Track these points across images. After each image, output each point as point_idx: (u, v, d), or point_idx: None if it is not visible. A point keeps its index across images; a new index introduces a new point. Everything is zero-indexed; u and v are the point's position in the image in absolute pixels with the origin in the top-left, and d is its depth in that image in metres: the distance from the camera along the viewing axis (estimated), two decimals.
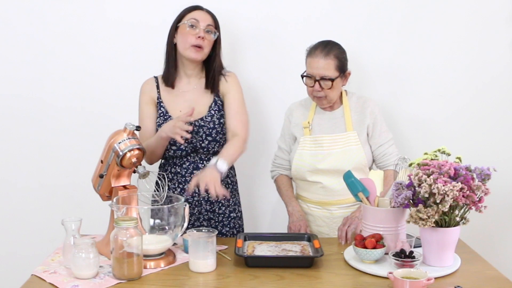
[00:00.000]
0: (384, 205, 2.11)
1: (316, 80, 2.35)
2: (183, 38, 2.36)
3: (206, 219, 2.48)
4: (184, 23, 2.37)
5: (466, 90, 2.91)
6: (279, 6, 2.86)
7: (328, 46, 2.37)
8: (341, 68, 2.38)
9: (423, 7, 2.85)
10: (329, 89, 2.36)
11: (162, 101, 2.44)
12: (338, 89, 2.41)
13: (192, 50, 2.35)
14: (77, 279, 1.88)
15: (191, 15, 2.38)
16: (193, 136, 2.38)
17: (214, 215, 2.49)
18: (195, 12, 2.40)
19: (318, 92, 2.37)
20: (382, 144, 2.44)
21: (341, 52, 2.40)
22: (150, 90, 2.45)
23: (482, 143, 2.91)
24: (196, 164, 2.44)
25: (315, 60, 2.35)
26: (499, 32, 2.85)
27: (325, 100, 2.40)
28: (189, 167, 2.44)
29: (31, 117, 2.93)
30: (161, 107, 2.43)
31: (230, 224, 2.52)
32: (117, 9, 2.88)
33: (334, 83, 2.36)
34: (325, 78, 2.34)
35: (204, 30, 2.36)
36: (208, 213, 2.48)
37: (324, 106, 2.45)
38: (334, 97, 2.41)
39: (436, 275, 1.84)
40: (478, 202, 1.90)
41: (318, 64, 2.34)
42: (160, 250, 2.04)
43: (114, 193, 2.12)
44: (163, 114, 2.42)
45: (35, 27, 2.87)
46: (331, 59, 2.34)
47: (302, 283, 1.87)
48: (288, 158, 2.56)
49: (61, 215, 2.12)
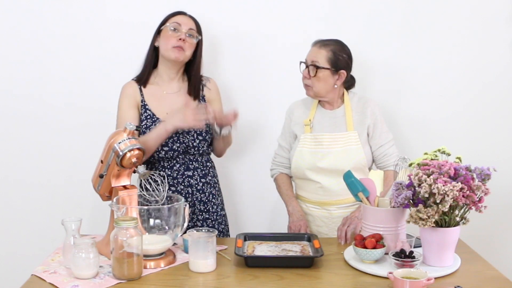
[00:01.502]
0: (384, 205, 2.11)
1: (306, 66, 2.40)
2: (165, 40, 2.41)
3: (201, 220, 2.50)
4: (166, 26, 2.42)
5: (466, 90, 2.91)
6: (279, 6, 2.86)
7: (331, 41, 2.42)
8: (334, 63, 2.39)
9: (423, 7, 2.85)
10: (315, 77, 2.38)
11: (147, 104, 2.43)
12: (326, 83, 2.41)
13: (173, 51, 2.39)
14: (77, 279, 1.88)
15: (174, 19, 2.43)
16: (185, 136, 2.41)
17: (210, 214, 2.51)
18: (178, 16, 2.45)
19: (306, 78, 2.42)
20: (383, 144, 2.44)
21: (342, 51, 2.41)
22: (134, 93, 2.44)
23: (482, 143, 2.91)
24: (187, 165, 2.46)
25: (312, 48, 2.43)
26: (499, 32, 2.85)
27: (311, 90, 2.42)
28: (180, 168, 2.45)
29: (31, 116, 2.93)
30: (147, 110, 2.42)
31: (223, 222, 2.57)
32: (117, 9, 2.88)
33: (321, 73, 2.37)
34: (313, 65, 2.38)
35: (185, 33, 2.41)
36: (203, 213, 2.50)
37: (310, 96, 2.47)
38: (320, 90, 2.41)
39: (436, 275, 1.84)
40: (478, 202, 1.90)
41: (312, 51, 2.42)
42: (160, 250, 2.04)
43: (114, 193, 2.12)
44: (150, 116, 2.41)
45: (35, 27, 2.87)
46: (325, 50, 2.39)
47: (302, 283, 1.87)
48: (288, 156, 2.56)
49: (61, 215, 2.12)
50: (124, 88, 2.46)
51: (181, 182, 2.44)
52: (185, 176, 2.45)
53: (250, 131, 2.91)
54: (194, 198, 2.47)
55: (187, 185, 2.45)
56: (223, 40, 2.87)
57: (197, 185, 2.47)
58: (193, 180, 2.47)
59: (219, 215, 2.56)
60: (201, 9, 2.67)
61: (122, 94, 2.45)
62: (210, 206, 2.52)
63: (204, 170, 2.50)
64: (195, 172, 2.47)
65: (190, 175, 2.46)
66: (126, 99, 2.43)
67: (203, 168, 2.50)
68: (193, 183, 2.47)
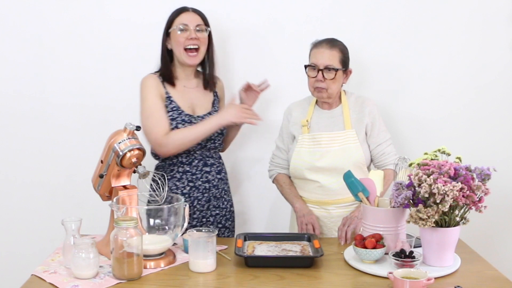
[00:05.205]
0: (384, 205, 2.11)
1: (319, 70, 2.36)
2: (176, 43, 2.42)
3: (214, 215, 2.54)
4: (174, 28, 2.42)
5: (466, 90, 2.91)
6: (279, 6, 2.86)
7: (333, 41, 2.42)
8: (344, 63, 2.40)
9: (423, 7, 2.85)
10: (331, 80, 2.36)
11: (172, 96, 2.46)
12: (339, 83, 2.41)
13: (188, 57, 2.42)
14: (77, 279, 1.88)
15: (180, 20, 2.43)
16: None
17: (220, 210, 2.56)
18: (182, 15, 2.44)
19: (320, 82, 2.37)
20: (381, 143, 2.45)
21: (345, 48, 2.43)
22: (157, 85, 2.46)
23: (482, 143, 2.91)
24: (205, 161, 2.50)
25: (320, 50, 2.38)
26: (499, 32, 2.85)
27: (325, 93, 2.39)
28: (198, 164, 2.49)
29: (31, 116, 2.93)
30: (172, 102, 2.45)
31: (231, 219, 2.62)
32: (118, 7, 2.88)
33: (337, 75, 2.37)
34: (329, 68, 2.35)
35: (194, 30, 2.41)
36: (216, 209, 2.55)
37: (324, 99, 2.44)
38: (334, 91, 2.41)
39: (436, 275, 1.84)
40: (478, 202, 1.90)
41: (323, 54, 2.37)
42: (160, 250, 2.04)
43: (114, 193, 2.12)
44: (176, 108, 2.45)
45: (37, 26, 2.88)
46: (336, 51, 2.38)
47: (302, 283, 1.87)
48: (286, 157, 2.56)
49: (61, 215, 2.12)
50: (146, 80, 2.46)
51: (199, 178, 2.48)
52: (203, 172, 2.50)
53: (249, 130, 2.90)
54: (210, 194, 2.51)
55: (204, 181, 2.50)
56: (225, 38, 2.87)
57: (214, 180, 2.52)
58: (210, 176, 2.51)
59: (228, 211, 2.60)
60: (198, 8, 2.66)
61: (146, 86, 2.44)
62: (221, 202, 2.56)
63: (219, 166, 2.57)
64: (212, 168, 2.52)
65: (207, 171, 2.51)
66: (151, 90, 2.43)
67: (218, 164, 2.56)
68: (210, 178, 2.51)
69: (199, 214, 2.50)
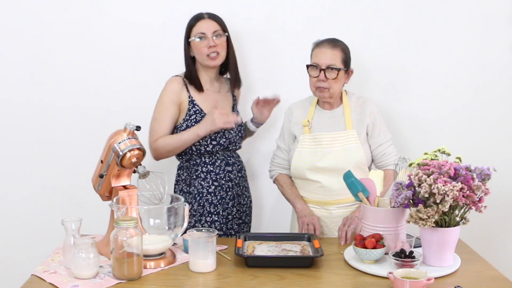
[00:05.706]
0: (384, 205, 2.11)
1: (321, 70, 2.36)
2: (198, 52, 2.49)
3: (235, 211, 2.62)
4: (193, 39, 2.48)
5: (466, 90, 2.91)
6: (279, 6, 2.86)
7: (335, 41, 2.42)
8: (346, 63, 2.40)
9: (423, 7, 2.85)
10: (333, 79, 2.36)
11: (195, 100, 2.51)
12: (341, 83, 2.41)
13: (209, 61, 2.49)
14: (77, 279, 1.88)
15: (197, 29, 2.48)
16: (229, 131, 2.55)
17: (241, 206, 2.64)
18: (199, 23, 2.49)
19: (322, 82, 2.37)
20: (382, 143, 2.45)
21: (347, 48, 2.43)
22: (181, 90, 2.51)
23: (482, 143, 2.91)
24: (227, 161, 2.58)
25: (322, 50, 2.39)
26: (499, 32, 2.85)
27: (327, 92, 2.39)
28: (221, 164, 2.57)
29: (31, 116, 2.93)
30: (195, 105, 2.50)
31: (249, 214, 2.72)
32: (118, 7, 2.87)
33: (339, 74, 2.37)
34: (331, 67, 2.35)
35: (212, 38, 2.46)
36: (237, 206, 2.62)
37: (326, 99, 2.44)
38: (336, 91, 2.41)
39: (436, 275, 1.84)
40: (478, 202, 1.90)
41: (325, 54, 2.37)
42: (160, 250, 2.04)
43: (114, 193, 2.12)
44: (199, 112, 2.51)
45: (37, 26, 2.87)
46: (338, 51, 2.38)
47: (302, 283, 1.87)
48: (287, 157, 2.56)
49: (61, 215, 2.12)
50: (170, 84, 2.52)
51: (223, 177, 2.56)
52: (226, 171, 2.57)
53: None
54: (233, 192, 2.59)
55: (227, 180, 2.56)
56: None
57: (236, 179, 2.60)
58: (233, 175, 2.59)
59: (248, 207, 2.69)
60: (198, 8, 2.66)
61: (166, 89, 2.51)
62: (242, 199, 2.65)
63: (240, 164, 2.66)
64: (233, 167, 2.60)
65: (230, 170, 2.58)
66: (169, 95, 2.50)
67: (238, 163, 2.66)
68: (233, 177, 2.59)
69: (223, 212, 2.56)
